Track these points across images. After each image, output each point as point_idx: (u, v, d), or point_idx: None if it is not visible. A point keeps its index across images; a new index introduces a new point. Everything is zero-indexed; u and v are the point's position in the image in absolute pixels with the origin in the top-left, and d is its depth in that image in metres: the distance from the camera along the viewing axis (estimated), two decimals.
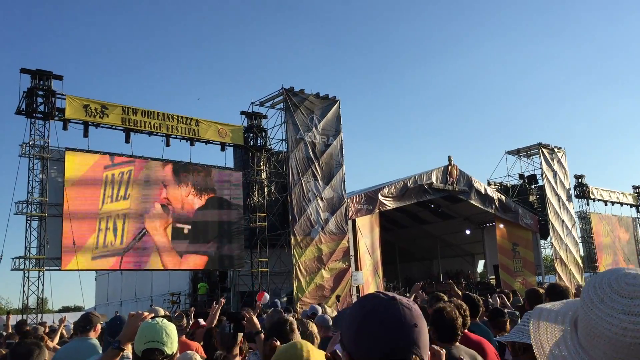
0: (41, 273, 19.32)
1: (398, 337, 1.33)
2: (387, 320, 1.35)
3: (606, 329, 1.07)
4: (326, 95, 26.07)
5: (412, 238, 40.12)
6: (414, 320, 1.36)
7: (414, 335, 1.34)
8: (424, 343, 1.37)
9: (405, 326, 1.34)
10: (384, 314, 1.36)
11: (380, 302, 1.38)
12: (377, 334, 1.34)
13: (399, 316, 1.35)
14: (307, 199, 24.13)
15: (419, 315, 1.38)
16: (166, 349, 2.60)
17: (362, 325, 1.36)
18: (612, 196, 40.51)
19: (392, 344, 1.32)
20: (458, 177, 29.62)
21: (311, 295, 22.84)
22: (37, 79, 19.74)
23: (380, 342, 1.33)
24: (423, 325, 1.38)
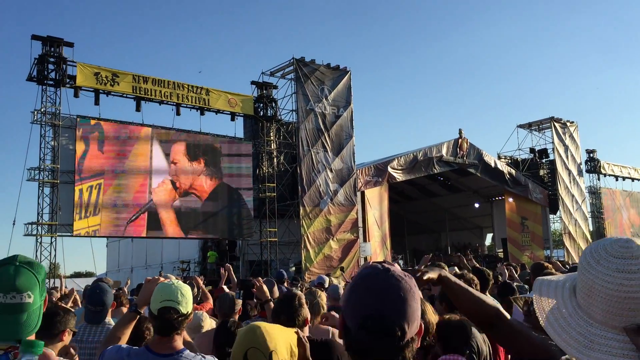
0: (53, 239, 19.61)
1: (380, 304, 1.38)
2: (374, 287, 1.41)
3: (603, 286, 1.17)
4: (337, 66, 25.87)
5: (421, 210, 40.14)
6: (401, 292, 1.40)
7: (396, 305, 1.38)
8: (409, 315, 1.39)
9: (390, 295, 1.39)
10: (373, 280, 1.42)
11: (374, 271, 1.44)
12: (362, 298, 1.41)
13: (386, 285, 1.40)
14: (316, 170, 24.17)
15: (408, 288, 1.41)
16: (181, 308, 2.66)
17: (353, 289, 1.45)
18: (624, 171, 40.23)
19: (372, 309, 1.37)
20: (468, 150, 29.47)
21: (319, 265, 23.04)
22: (48, 45, 19.73)
23: (363, 306, 1.39)
24: (411, 298, 1.41)
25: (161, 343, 2.65)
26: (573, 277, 1.28)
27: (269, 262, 23.75)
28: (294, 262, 24.24)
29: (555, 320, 1.23)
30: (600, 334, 1.16)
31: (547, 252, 33.20)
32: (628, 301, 1.15)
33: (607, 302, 1.16)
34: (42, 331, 3.17)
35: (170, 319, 2.63)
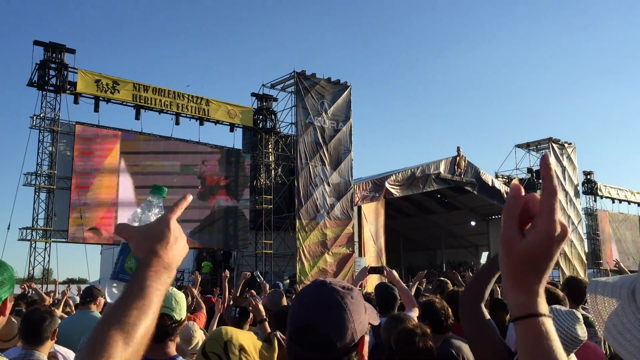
0: (47, 244, 19.53)
1: (307, 315, 1.39)
2: (305, 299, 1.44)
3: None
4: (337, 80, 25.98)
5: (417, 227, 40.13)
6: (330, 303, 1.39)
7: (323, 316, 1.37)
8: (337, 325, 1.37)
9: (317, 306, 1.39)
10: (306, 293, 1.45)
11: (311, 284, 1.48)
12: (294, 311, 1.44)
13: (316, 297, 1.41)
14: (313, 184, 24.17)
15: (340, 299, 1.40)
16: (175, 314, 2.67)
17: (292, 303, 1.50)
18: (620, 194, 40.32)
19: (299, 320, 1.40)
20: (466, 168, 29.55)
21: (314, 278, 22.92)
22: (50, 51, 19.80)
23: (294, 319, 1.41)
24: (340, 309, 1.39)
25: (155, 349, 2.65)
26: (631, 279, 1.12)
27: (264, 274, 23.63)
28: (289, 274, 24.15)
29: (613, 327, 1.07)
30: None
31: None
32: None
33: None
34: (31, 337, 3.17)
35: (164, 325, 2.63)
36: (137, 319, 1.00)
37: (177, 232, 1.14)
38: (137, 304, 1.02)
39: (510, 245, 0.97)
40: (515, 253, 0.96)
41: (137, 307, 1.02)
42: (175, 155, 22.49)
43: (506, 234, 0.98)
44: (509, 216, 0.99)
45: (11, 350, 3.66)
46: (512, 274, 0.97)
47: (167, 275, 1.10)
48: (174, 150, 22.47)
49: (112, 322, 0.98)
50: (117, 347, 0.95)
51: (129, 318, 0.99)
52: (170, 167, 22.35)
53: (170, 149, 22.40)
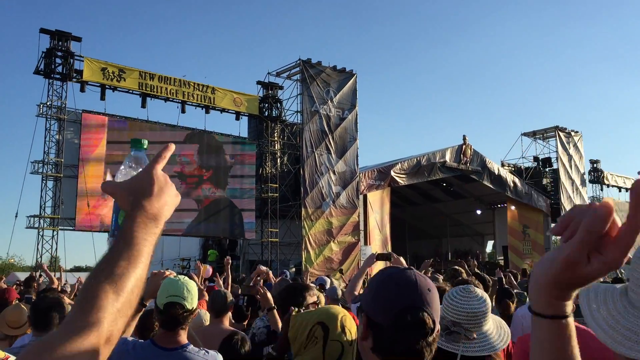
0: (55, 232, 19.66)
1: (412, 297, 1.43)
2: (403, 282, 1.46)
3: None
4: (343, 68, 25.90)
5: (422, 216, 40.11)
6: (428, 286, 1.46)
7: (427, 297, 1.44)
8: (436, 308, 1.45)
9: (420, 288, 1.44)
10: (401, 277, 1.48)
11: (398, 269, 1.52)
12: (392, 293, 1.44)
13: (414, 280, 1.46)
14: (319, 172, 24.19)
15: (432, 284, 1.49)
16: (186, 303, 2.71)
17: (380, 287, 1.48)
18: (627, 182, 40.16)
19: (406, 302, 1.42)
20: (472, 156, 29.45)
21: (319, 267, 23.04)
22: (56, 39, 19.81)
23: (396, 300, 1.43)
24: (435, 293, 1.48)
25: (166, 337, 2.70)
26: (624, 284, 1.12)
27: (270, 263, 23.73)
28: (294, 263, 24.24)
29: (602, 318, 1.07)
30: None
31: None
32: None
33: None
34: (41, 325, 3.21)
35: (176, 314, 2.68)
36: (126, 269, 0.99)
37: (161, 182, 1.13)
38: (125, 255, 1.01)
39: (573, 267, 0.93)
40: (573, 274, 0.94)
41: (124, 258, 1.00)
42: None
43: (573, 256, 0.92)
44: (585, 239, 0.91)
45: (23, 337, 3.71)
46: (557, 284, 0.96)
47: (153, 226, 1.09)
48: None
49: (100, 274, 0.97)
50: (107, 298, 0.94)
51: (117, 269, 0.98)
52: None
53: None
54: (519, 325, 5.21)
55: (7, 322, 4.12)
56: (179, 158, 22.10)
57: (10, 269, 41.83)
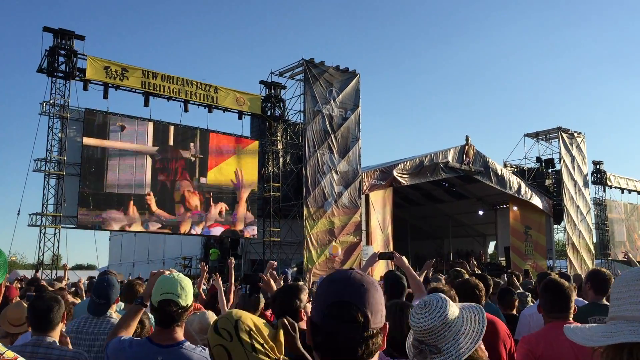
0: (57, 230, 19.68)
1: (344, 291, 1.44)
2: (337, 278, 1.49)
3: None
4: (346, 68, 25.89)
5: (425, 216, 40.09)
6: (362, 282, 1.46)
7: (359, 292, 1.43)
8: (372, 304, 1.43)
9: (353, 285, 1.45)
10: (337, 275, 1.51)
11: (341, 271, 1.54)
12: (328, 289, 1.47)
13: (347, 276, 1.48)
14: (321, 172, 24.18)
15: (370, 281, 1.48)
16: (180, 300, 2.70)
17: (320, 286, 1.53)
18: (629, 184, 40.06)
19: (337, 296, 1.43)
20: (474, 157, 29.41)
21: (321, 267, 23.03)
22: (59, 38, 19.83)
23: (329, 294, 1.45)
24: (372, 289, 1.46)
25: (162, 334, 2.71)
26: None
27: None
28: (296, 262, 24.23)
29: (582, 332, 1.33)
30: (625, 325, 1.22)
31: (550, 262, 33.07)
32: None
33: (635, 295, 1.24)
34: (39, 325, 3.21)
35: (170, 312, 2.68)
36: None
37: None
38: None
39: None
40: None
41: None
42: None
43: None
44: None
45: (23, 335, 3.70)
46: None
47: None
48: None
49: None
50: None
51: None
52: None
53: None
54: (526, 324, 5.23)
55: (8, 320, 4.11)
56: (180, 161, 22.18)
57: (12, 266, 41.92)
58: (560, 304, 3.45)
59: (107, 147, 20.60)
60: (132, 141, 21.19)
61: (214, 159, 23.19)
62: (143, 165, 21.36)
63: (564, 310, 3.44)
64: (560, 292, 3.48)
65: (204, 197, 22.78)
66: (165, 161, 21.94)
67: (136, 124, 21.43)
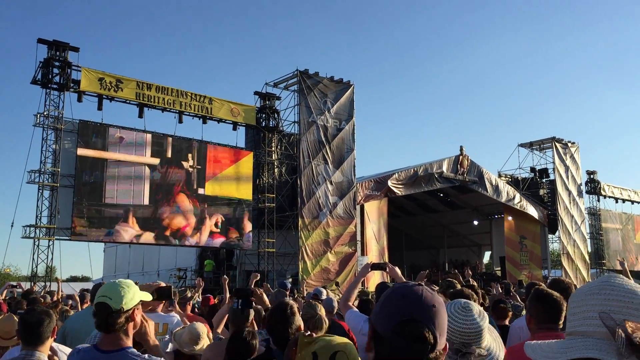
0: (51, 242, 19.59)
1: (415, 310, 1.45)
2: (409, 295, 1.48)
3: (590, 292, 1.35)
4: (340, 79, 25.98)
5: (420, 226, 40.09)
6: (434, 302, 1.47)
7: (430, 313, 1.45)
8: (440, 325, 1.46)
9: (425, 303, 1.46)
10: (408, 290, 1.50)
11: (407, 284, 1.54)
12: (398, 304, 1.47)
13: (420, 295, 1.48)
14: (316, 182, 24.19)
15: (439, 301, 1.50)
16: (112, 303, 2.62)
17: (387, 298, 1.51)
18: (623, 194, 40.21)
19: (409, 314, 1.43)
20: (469, 167, 29.49)
21: (316, 277, 22.98)
22: (53, 49, 19.85)
23: (397, 313, 1.45)
24: (442, 310, 1.48)
25: (106, 340, 2.67)
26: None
27: (266, 273, 23.69)
28: (291, 273, 24.17)
29: (540, 349, 1.38)
30: (580, 340, 1.28)
31: (545, 272, 33.11)
32: (608, 303, 1.27)
33: (590, 309, 1.29)
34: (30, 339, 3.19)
35: (102, 315, 2.63)
36: None
37: None
38: None
39: None
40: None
41: None
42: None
43: None
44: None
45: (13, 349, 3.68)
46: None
47: None
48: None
49: None
50: None
51: None
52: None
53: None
54: (516, 336, 5.18)
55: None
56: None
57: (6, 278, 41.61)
58: (549, 315, 3.43)
59: (107, 159, 20.60)
60: (130, 153, 21.19)
61: (212, 170, 23.23)
62: (141, 176, 21.37)
63: (553, 320, 3.43)
64: (549, 302, 3.47)
65: (202, 208, 22.75)
66: (163, 172, 21.96)
67: (134, 136, 21.44)
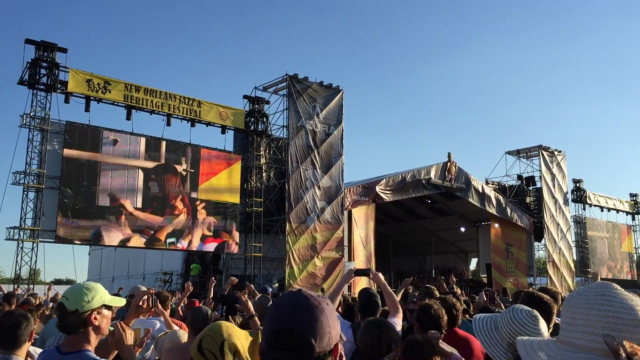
0: (35, 244, 19.37)
1: (285, 318, 1.41)
2: (280, 304, 1.46)
3: (587, 307, 1.36)
4: (330, 84, 26.00)
5: (407, 232, 40.16)
6: (308, 306, 1.42)
7: (301, 319, 1.40)
8: (317, 329, 1.40)
9: (296, 310, 1.41)
10: (282, 299, 1.48)
11: (288, 292, 1.51)
12: (273, 314, 1.45)
13: (293, 301, 1.44)
14: (304, 187, 24.16)
15: (317, 304, 1.44)
16: (68, 304, 2.64)
17: (268, 310, 1.50)
18: (609, 202, 40.58)
19: (279, 323, 1.40)
20: (456, 174, 29.61)
21: (303, 282, 22.91)
22: (41, 50, 19.69)
23: (273, 321, 1.42)
24: (319, 312, 1.42)
25: (67, 342, 2.72)
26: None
27: (253, 277, 23.58)
28: (278, 278, 24.09)
29: (535, 354, 1.39)
30: (580, 356, 1.28)
31: (531, 279, 33.28)
32: (608, 320, 1.28)
33: (589, 324, 1.30)
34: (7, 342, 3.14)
35: (59, 316, 2.68)
36: None
37: None
38: None
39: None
40: None
41: None
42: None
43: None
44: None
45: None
46: None
47: None
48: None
49: None
50: None
51: None
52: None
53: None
54: None
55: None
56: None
57: None
58: None
59: (99, 161, 20.49)
60: (122, 155, 21.11)
61: (205, 174, 23.18)
62: (135, 178, 21.28)
63: None
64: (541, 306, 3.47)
65: (194, 211, 22.68)
66: (156, 175, 21.88)
67: (128, 138, 21.33)
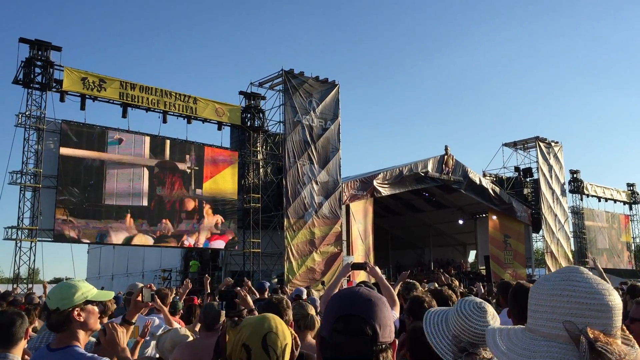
0: (33, 244, 19.36)
1: (350, 306, 1.44)
2: (344, 294, 1.51)
3: (549, 294, 1.37)
4: (326, 79, 25.96)
5: (405, 225, 40.21)
6: (371, 297, 1.47)
7: (366, 307, 1.44)
8: (380, 317, 1.44)
9: (359, 299, 1.46)
10: (344, 291, 1.53)
11: (347, 287, 1.57)
12: (334, 304, 1.48)
13: (354, 291, 1.49)
14: (302, 182, 24.16)
15: (378, 296, 1.49)
16: (50, 303, 2.71)
17: (328, 303, 1.52)
18: (606, 193, 40.65)
19: (343, 311, 1.43)
20: (454, 166, 29.63)
21: (302, 277, 22.95)
22: (35, 49, 19.62)
23: (335, 310, 1.45)
24: (381, 304, 1.48)
25: (56, 339, 2.77)
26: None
27: (252, 273, 23.62)
28: (277, 273, 24.12)
29: (501, 343, 1.38)
30: (544, 344, 1.28)
31: (529, 271, 33.37)
32: (570, 305, 1.27)
33: (552, 310, 1.29)
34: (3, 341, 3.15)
35: (46, 314, 2.75)
36: None
37: None
38: None
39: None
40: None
41: None
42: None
43: None
44: None
45: None
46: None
47: None
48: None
49: None
50: None
51: None
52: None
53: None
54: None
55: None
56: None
57: None
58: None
59: (103, 160, 20.53)
60: (127, 154, 21.15)
61: (209, 171, 23.21)
62: (140, 177, 21.32)
63: None
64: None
65: (199, 208, 22.72)
66: (162, 173, 21.93)
67: (133, 137, 21.35)
